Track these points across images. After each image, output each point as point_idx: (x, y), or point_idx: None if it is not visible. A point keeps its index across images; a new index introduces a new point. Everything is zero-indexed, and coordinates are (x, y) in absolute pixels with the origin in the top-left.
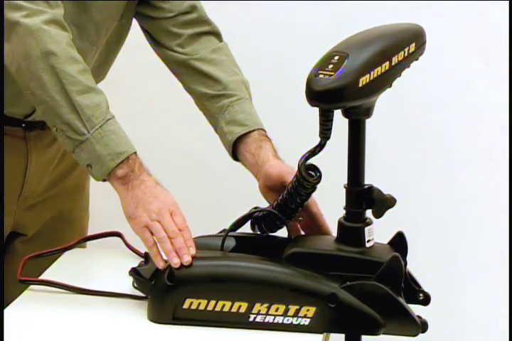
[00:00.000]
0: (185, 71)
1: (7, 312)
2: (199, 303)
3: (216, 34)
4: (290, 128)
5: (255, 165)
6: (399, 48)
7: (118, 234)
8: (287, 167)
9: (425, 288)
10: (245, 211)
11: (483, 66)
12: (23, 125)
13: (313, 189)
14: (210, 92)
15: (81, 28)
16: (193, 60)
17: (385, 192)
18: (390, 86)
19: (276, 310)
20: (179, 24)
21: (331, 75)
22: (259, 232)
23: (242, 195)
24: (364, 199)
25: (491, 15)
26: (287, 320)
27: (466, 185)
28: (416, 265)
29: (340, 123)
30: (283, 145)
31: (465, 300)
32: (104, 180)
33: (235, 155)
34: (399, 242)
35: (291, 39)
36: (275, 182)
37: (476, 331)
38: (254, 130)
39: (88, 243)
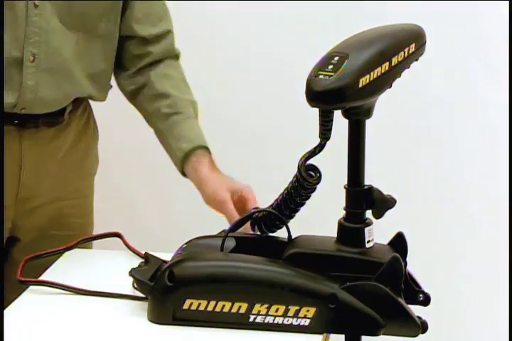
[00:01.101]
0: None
1: (7, 312)
2: (199, 304)
3: (178, 56)
4: (290, 129)
5: (197, 180)
6: (399, 49)
7: (118, 235)
8: (227, 183)
9: (425, 288)
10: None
11: (483, 66)
12: (16, 122)
13: (313, 189)
14: (162, 111)
15: (58, 6)
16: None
17: (385, 192)
18: (390, 86)
19: (276, 310)
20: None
21: (331, 76)
22: (259, 233)
23: None
24: (364, 200)
25: (491, 15)
26: (287, 321)
27: (466, 185)
28: (416, 265)
29: (340, 123)
30: (283, 145)
31: (465, 301)
32: None
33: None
34: (399, 243)
35: (290, 39)
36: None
37: (476, 331)
38: (198, 147)
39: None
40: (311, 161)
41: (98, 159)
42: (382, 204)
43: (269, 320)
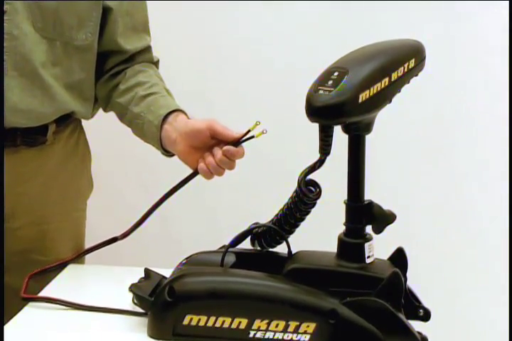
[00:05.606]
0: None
1: (7, 328)
2: (199, 319)
3: (156, 63)
4: (290, 144)
5: (174, 130)
6: (398, 64)
7: (115, 239)
8: (209, 119)
9: (425, 304)
10: (245, 227)
11: (483, 67)
12: None
13: (313, 204)
14: (138, 94)
15: (31, 12)
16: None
17: (385, 207)
18: (390, 101)
19: (276, 326)
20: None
21: (331, 91)
22: (259, 248)
23: (242, 211)
24: (364, 215)
25: (491, 15)
26: (287, 336)
27: (466, 201)
28: (416, 281)
29: (340, 138)
30: (284, 160)
31: (465, 316)
32: None
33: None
34: (399, 258)
35: (290, 56)
36: (203, 135)
37: None
38: (175, 110)
39: (88, 259)
40: (311, 176)
41: (92, 182)
42: (382, 219)
43: (269, 335)
